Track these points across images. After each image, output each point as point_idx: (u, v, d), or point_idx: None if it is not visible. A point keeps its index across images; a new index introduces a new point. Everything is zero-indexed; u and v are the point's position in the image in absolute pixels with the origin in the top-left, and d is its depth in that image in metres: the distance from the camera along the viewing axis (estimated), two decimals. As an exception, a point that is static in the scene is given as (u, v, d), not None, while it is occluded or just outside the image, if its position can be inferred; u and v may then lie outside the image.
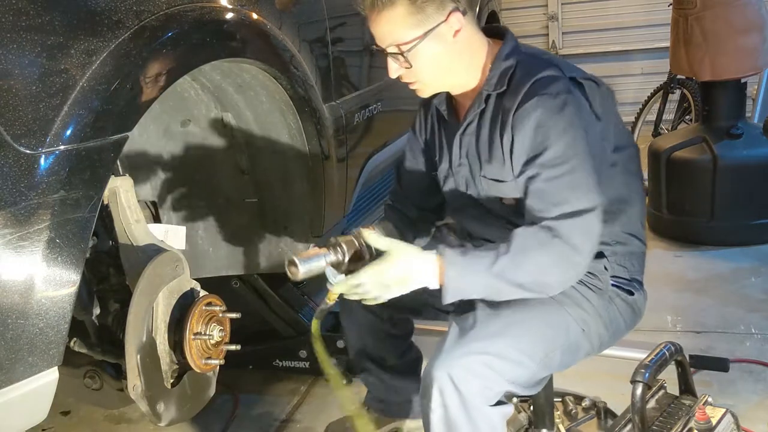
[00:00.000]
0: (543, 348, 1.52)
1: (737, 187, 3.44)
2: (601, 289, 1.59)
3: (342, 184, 2.34)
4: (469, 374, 1.44)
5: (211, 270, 2.26)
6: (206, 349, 1.64)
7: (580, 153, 1.46)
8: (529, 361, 1.50)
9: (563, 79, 1.51)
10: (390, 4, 1.51)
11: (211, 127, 2.06)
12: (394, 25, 1.53)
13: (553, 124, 1.47)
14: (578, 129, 1.47)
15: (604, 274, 1.60)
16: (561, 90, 1.49)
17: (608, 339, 1.64)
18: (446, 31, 1.54)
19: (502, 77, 1.56)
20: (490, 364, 1.45)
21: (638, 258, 1.67)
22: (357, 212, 2.69)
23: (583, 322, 1.57)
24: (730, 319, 2.76)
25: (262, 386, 2.58)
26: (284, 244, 2.27)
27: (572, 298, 1.56)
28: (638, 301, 1.66)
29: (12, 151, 1.19)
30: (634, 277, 1.66)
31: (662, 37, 5.15)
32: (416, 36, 1.52)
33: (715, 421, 1.51)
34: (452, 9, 1.53)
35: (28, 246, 1.20)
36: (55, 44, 1.27)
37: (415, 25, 1.52)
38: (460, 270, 1.47)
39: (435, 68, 1.58)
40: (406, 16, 1.52)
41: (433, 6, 1.51)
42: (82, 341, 1.63)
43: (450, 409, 1.45)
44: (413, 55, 1.54)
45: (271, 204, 2.19)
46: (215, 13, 1.70)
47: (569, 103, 1.48)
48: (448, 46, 1.56)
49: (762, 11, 3.36)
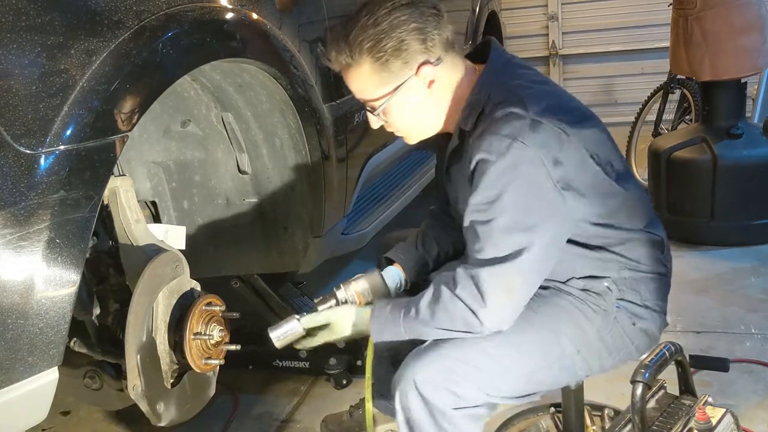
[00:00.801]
0: (527, 364, 1.51)
1: (737, 187, 3.44)
2: (606, 310, 1.56)
3: (342, 184, 2.34)
4: (435, 380, 1.45)
5: (211, 270, 2.26)
6: (206, 349, 1.64)
7: (509, 202, 1.40)
8: (508, 375, 1.50)
9: (522, 120, 1.42)
10: (355, 63, 1.48)
11: (211, 127, 2.06)
12: (362, 82, 1.51)
13: (489, 167, 1.41)
14: (516, 176, 1.40)
15: (608, 295, 1.56)
16: (511, 133, 1.41)
17: (612, 361, 1.61)
18: (418, 84, 1.50)
19: (473, 114, 1.50)
20: (459, 372, 1.46)
21: (654, 283, 1.61)
22: (357, 212, 2.69)
23: (580, 343, 1.55)
24: (730, 319, 2.76)
25: (262, 386, 2.58)
26: (283, 248, 2.27)
27: (572, 318, 1.55)
28: (651, 327, 1.62)
29: (12, 151, 1.19)
30: (647, 303, 1.60)
31: (662, 37, 5.15)
32: (385, 93, 1.50)
33: (715, 421, 1.51)
34: (421, 63, 1.48)
35: (28, 246, 1.20)
36: (55, 44, 1.27)
37: (382, 83, 1.49)
38: (381, 324, 1.55)
39: (412, 119, 1.56)
40: (371, 74, 1.48)
41: (398, 62, 1.47)
42: (82, 341, 1.62)
43: (413, 412, 1.47)
44: (386, 110, 1.52)
45: (271, 204, 2.19)
46: (215, 13, 1.70)
47: (514, 149, 1.40)
48: (423, 97, 1.52)
49: (762, 11, 3.36)
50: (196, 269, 1.67)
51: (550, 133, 1.43)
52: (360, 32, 1.46)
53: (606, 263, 1.56)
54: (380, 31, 1.45)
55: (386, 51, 1.46)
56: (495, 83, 1.52)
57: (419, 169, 3.39)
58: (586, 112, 1.56)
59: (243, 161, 2.12)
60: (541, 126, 1.42)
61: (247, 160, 2.12)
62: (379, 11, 1.46)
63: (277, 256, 2.28)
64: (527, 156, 1.40)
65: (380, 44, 1.45)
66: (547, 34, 6.45)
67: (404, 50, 1.46)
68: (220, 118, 2.04)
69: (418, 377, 1.46)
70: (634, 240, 1.58)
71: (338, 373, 2.48)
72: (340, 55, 1.49)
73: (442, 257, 1.84)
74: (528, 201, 1.41)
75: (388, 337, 1.55)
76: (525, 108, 1.43)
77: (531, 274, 1.45)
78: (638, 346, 1.62)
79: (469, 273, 1.44)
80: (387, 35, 1.45)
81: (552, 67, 6.50)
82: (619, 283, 1.57)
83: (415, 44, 1.46)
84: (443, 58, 1.50)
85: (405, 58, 1.47)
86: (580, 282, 1.57)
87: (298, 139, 2.09)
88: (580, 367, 1.58)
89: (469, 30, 4.18)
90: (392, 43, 1.45)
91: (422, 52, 1.47)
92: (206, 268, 2.23)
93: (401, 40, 1.45)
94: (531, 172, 1.41)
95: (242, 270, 2.37)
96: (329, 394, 2.47)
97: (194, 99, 2.00)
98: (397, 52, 1.46)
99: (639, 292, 1.59)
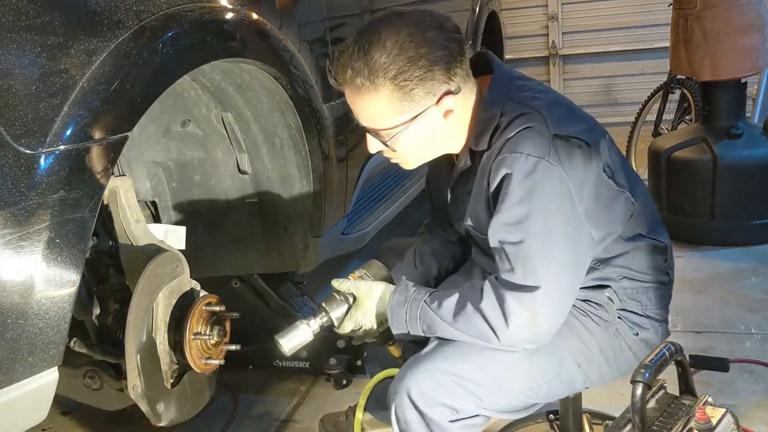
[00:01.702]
0: (525, 379, 1.49)
1: (737, 187, 3.44)
2: (607, 321, 1.54)
3: (342, 184, 2.34)
4: (430, 394, 1.44)
5: (211, 270, 2.26)
6: (206, 349, 1.64)
7: (538, 225, 1.37)
8: (505, 391, 1.48)
9: (544, 136, 1.37)
10: (373, 89, 1.36)
11: (211, 127, 2.06)
12: (377, 111, 1.40)
13: (516, 186, 1.37)
14: (543, 197, 1.36)
15: (609, 306, 1.54)
16: (535, 151, 1.36)
17: (612, 373, 1.59)
18: (436, 113, 1.41)
19: (486, 132, 1.44)
20: (454, 386, 1.44)
21: (655, 293, 1.58)
22: (357, 212, 2.69)
23: (580, 357, 1.53)
24: (730, 319, 2.76)
25: (262, 386, 2.58)
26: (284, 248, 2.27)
27: (573, 330, 1.53)
28: (652, 337, 1.59)
29: (12, 151, 1.19)
30: (647, 312, 1.58)
31: (662, 37, 5.15)
32: (402, 122, 1.40)
33: (715, 421, 1.50)
34: (444, 92, 1.39)
35: (28, 246, 1.20)
36: (55, 44, 1.27)
37: (400, 112, 1.39)
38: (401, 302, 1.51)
39: (421, 149, 1.49)
40: (390, 101, 1.37)
41: (423, 90, 1.37)
42: (82, 341, 1.63)
43: (410, 425, 1.45)
44: (397, 140, 1.43)
45: (271, 204, 2.19)
46: (215, 13, 1.70)
47: (540, 168, 1.36)
48: (438, 127, 1.44)
49: (762, 11, 3.36)
50: (196, 269, 1.67)
51: (574, 148, 1.39)
52: (383, 56, 1.35)
53: (606, 273, 1.54)
54: (408, 57, 1.35)
55: (412, 80, 1.36)
56: (505, 98, 1.45)
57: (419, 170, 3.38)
58: (592, 119, 1.54)
59: (243, 161, 2.12)
60: (564, 142, 1.38)
61: (247, 160, 2.12)
62: (403, 33, 1.36)
63: (277, 256, 2.28)
64: (554, 176, 1.37)
65: (407, 72, 1.35)
66: (547, 34, 6.45)
67: (430, 80, 1.37)
68: (220, 118, 2.04)
69: (413, 390, 1.44)
70: (637, 249, 1.55)
71: (338, 373, 2.47)
72: (357, 78, 1.37)
73: (443, 274, 1.81)
74: (556, 225, 1.38)
75: (403, 318, 1.50)
76: (545, 123, 1.39)
77: (558, 303, 1.41)
78: (639, 356, 1.58)
79: (497, 291, 1.41)
80: (414, 63, 1.35)
81: (552, 67, 6.50)
82: (620, 293, 1.55)
83: (441, 73, 1.38)
84: (462, 86, 1.43)
85: (429, 87, 1.38)
86: (581, 293, 1.53)
87: (298, 139, 2.09)
88: (580, 380, 1.57)
89: (469, 30, 4.18)
90: (419, 73, 1.36)
91: (446, 81, 1.39)
92: (206, 268, 2.23)
93: (428, 69, 1.36)
94: (557, 193, 1.37)
95: (242, 270, 2.37)
96: (329, 394, 2.47)
97: (194, 99, 2.00)
98: (422, 82, 1.37)
99: (640, 301, 1.57)
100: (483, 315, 1.41)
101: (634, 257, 1.55)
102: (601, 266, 1.53)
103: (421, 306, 1.49)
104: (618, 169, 1.50)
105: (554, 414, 1.88)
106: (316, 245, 2.25)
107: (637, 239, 1.55)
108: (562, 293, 1.41)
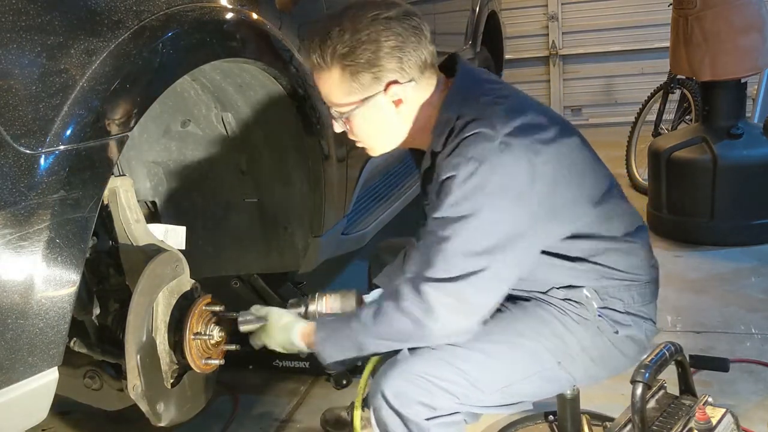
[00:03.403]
0: (502, 376, 1.50)
1: (737, 187, 3.44)
2: (588, 319, 1.53)
3: (342, 184, 2.34)
4: (405, 393, 1.44)
5: (211, 270, 2.26)
6: (206, 349, 1.64)
7: (469, 226, 1.38)
8: (482, 386, 1.48)
9: (491, 141, 1.38)
10: (326, 67, 1.45)
11: (211, 127, 2.06)
12: (330, 88, 1.48)
13: (454, 188, 1.39)
14: (478, 199, 1.37)
15: (589, 304, 1.53)
16: (478, 155, 1.38)
17: (598, 371, 1.59)
18: (385, 101, 1.47)
19: (443, 134, 1.47)
20: (428, 385, 1.44)
21: (638, 290, 1.57)
22: (357, 212, 2.69)
23: (560, 354, 1.53)
24: (730, 319, 2.76)
25: (262, 386, 2.58)
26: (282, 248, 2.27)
27: (551, 328, 1.53)
28: (637, 334, 1.57)
29: (12, 151, 1.18)
30: (630, 310, 1.56)
31: (662, 37, 5.16)
32: (351, 101, 1.47)
33: (715, 421, 1.51)
34: (391, 81, 1.44)
35: (28, 246, 1.20)
36: (55, 44, 1.27)
37: (350, 92, 1.46)
38: (325, 336, 1.52)
39: (376, 134, 1.54)
40: (341, 82, 1.45)
41: (370, 75, 1.44)
42: (82, 341, 1.62)
43: (388, 426, 1.46)
44: (350, 119, 1.50)
45: (271, 204, 2.19)
46: (215, 13, 1.70)
47: (481, 172, 1.37)
48: (390, 115, 1.49)
49: (762, 11, 3.36)
50: (196, 269, 1.67)
51: (521, 154, 1.39)
52: (337, 36, 1.43)
53: (583, 272, 1.53)
54: (358, 40, 1.42)
55: (359, 62, 1.43)
56: (463, 101, 1.48)
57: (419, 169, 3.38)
58: (561, 124, 1.52)
59: (243, 161, 2.12)
60: (510, 147, 1.39)
61: (247, 160, 2.12)
62: (362, 18, 1.43)
63: (277, 256, 2.28)
64: (494, 179, 1.37)
65: (354, 53, 1.42)
66: (547, 34, 6.46)
67: (377, 66, 1.43)
68: (220, 118, 2.04)
69: (387, 392, 1.45)
70: (612, 249, 1.54)
71: (338, 373, 2.47)
72: (313, 55, 1.46)
73: None
74: (489, 225, 1.39)
75: (332, 351, 1.52)
76: (494, 128, 1.40)
77: (486, 291, 1.42)
78: (627, 354, 1.58)
79: (415, 287, 1.41)
80: (363, 46, 1.42)
81: (552, 67, 6.51)
82: (600, 292, 1.53)
83: (390, 62, 1.43)
84: (417, 79, 1.47)
85: (376, 73, 1.44)
86: (560, 292, 1.54)
87: (298, 139, 2.09)
88: (564, 378, 1.56)
89: (469, 30, 4.18)
90: (366, 56, 1.42)
91: (395, 70, 1.44)
92: (206, 268, 2.23)
93: (376, 55, 1.42)
94: (496, 196, 1.38)
95: (242, 270, 2.37)
96: (329, 394, 2.47)
97: (194, 99, 2.00)
98: (368, 66, 1.43)
99: (622, 299, 1.55)
100: (406, 313, 1.42)
101: (612, 256, 1.54)
102: (578, 265, 1.52)
103: (346, 332, 1.50)
104: (583, 175, 1.50)
105: (553, 415, 1.89)
106: (316, 245, 2.25)
107: (611, 240, 1.54)
108: (491, 283, 1.42)
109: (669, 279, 3.14)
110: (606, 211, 1.53)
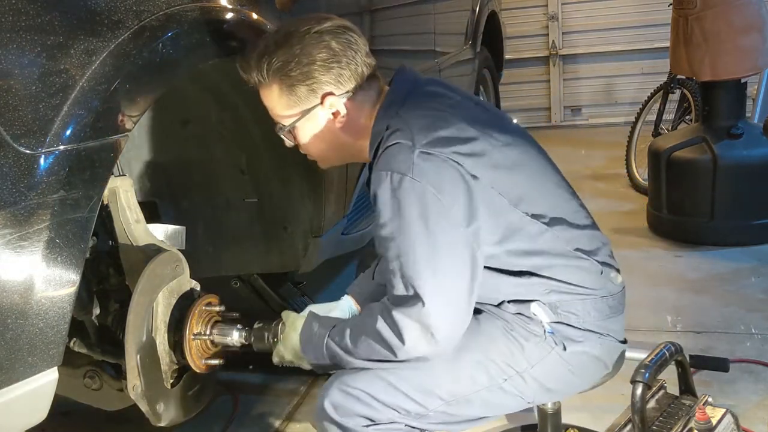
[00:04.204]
0: (445, 392, 1.47)
1: (737, 187, 3.45)
2: (537, 335, 1.48)
3: (342, 184, 2.34)
4: (344, 405, 1.45)
5: (211, 270, 2.26)
6: (206, 349, 1.64)
7: (404, 243, 1.37)
8: (423, 402, 1.47)
9: (410, 152, 1.38)
10: (265, 83, 1.50)
11: (211, 127, 2.06)
12: (271, 102, 1.53)
13: (381, 204, 1.40)
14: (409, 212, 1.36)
15: (539, 319, 1.48)
16: (398, 167, 1.38)
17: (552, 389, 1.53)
18: (323, 114, 1.51)
19: (373, 146, 1.49)
20: (368, 398, 1.45)
21: (594, 304, 1.51)
22: (357, 212, 2.69)
23: (509, 370, 1.48)
24: (730, 319, 2.76)
25: (262, 386, 2.58)
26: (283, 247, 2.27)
27: (499, 345, 1.49)
28: (591, 350, 1.51)
29: (12, 151, 1.18)
30: (585, 326, 1.50)
31: (662, 37, 5.16)
32: (291, 114, 1.51)
33: (715, 421, 1.51)
34: (325, 93, 1.48)
35: (28, 246, 1.20)
36: (55, 44, 1.27)
37: (289, 106, 1.51)
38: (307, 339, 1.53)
39: (320, 146, 1.56)
40: (279, 95, 1.50)
41: (306, 88, 1.48)
42: (82, 341, 1.63)
43: None
44: (295, 132, 1.54)
45: (271, 204, 2.19)
46: (215, 13, 1.70)
47: (404, 185, 1.36)
48: (331, 127, 1.52)
49: (762, 11, 3.36)
50: (196, 269, 1.67)
51: (441, 164, 1.38)
52: (272, 52, 1.48)
53: (530, 286, 1.49)
54: (291, 54, 1.46)
55: (293, 76, 1.47)
56: (393, 114, 1.48)
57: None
58: (504, 137, 1.49)
59: (243, 161, 2.12)
60: (431, 157, 1.38)
61: (247, 160, 2.12)
62: (295, 33, 1.47)
63: (277, 256, 2.28)
64: (416, 191, 1.36)
65: (287, 67, 1.46)
66: (547, 34, 6.46)
67: (311, 77, 1.47)
68: (220, 118, 2.04)
69: (326, 403, 1.46)
70: (561, 265, 1.50)
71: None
72: (253, 72, 1.51)
73: None
74: (423, 240, 1.36)
75: (312, 354, 1.52)
76: (412, 139, 1.39)
77: (446, 312, 1.37)
78: (583, 371, 1.53)
79: (387, 310, 1.40)
80: (296, 60, 1.46)
81: (552, 67, 6.51)
82: (552, 306, 1.48)
83: (324, 74, 1.47)
84: (354, 91, 1.50)
85: (311, 86, 1.47)
86: (511, 306, 1.50)
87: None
88: (514, 395, 1.51)
89: (469, 30, 4.18)
90: (300, 69, 1.46)
91: (330, 83, 1.48)
92: (206, 268, 2.23)
93: (309, 68, 1.46)
94: (424, 206, 1.36)
95: (242, 270, 2.37)
96: (329, 394, 2.47)
97: (194, 99, 2.00)
98: (303, 78, 1.47)
99: (576, 313, 1.50)
100: (380, 336, 1.40)
101: (562, 271, 1.49)
102: (524, 279, 1.49)
103: (326, 341, 1.50)
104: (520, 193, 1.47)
105: (532, 429, 1.85)
106: (316, 245, 2.25)
107: (560, 257, 1.50)
108: (448, 300, 1.38)
109: (669, 279, 3.14)
110: (555, 231, 1.49)
